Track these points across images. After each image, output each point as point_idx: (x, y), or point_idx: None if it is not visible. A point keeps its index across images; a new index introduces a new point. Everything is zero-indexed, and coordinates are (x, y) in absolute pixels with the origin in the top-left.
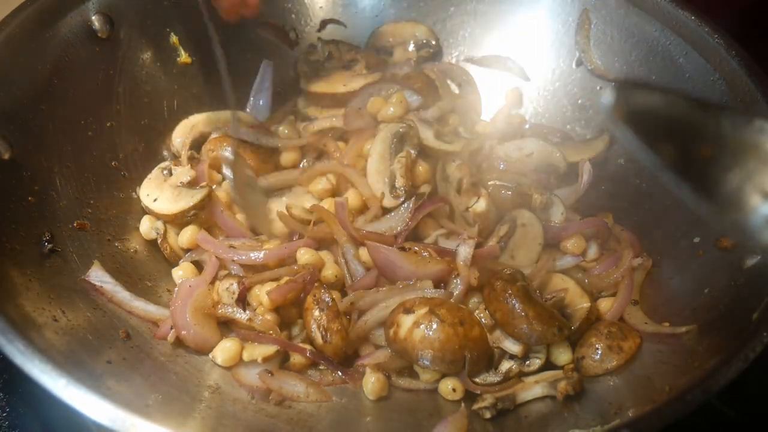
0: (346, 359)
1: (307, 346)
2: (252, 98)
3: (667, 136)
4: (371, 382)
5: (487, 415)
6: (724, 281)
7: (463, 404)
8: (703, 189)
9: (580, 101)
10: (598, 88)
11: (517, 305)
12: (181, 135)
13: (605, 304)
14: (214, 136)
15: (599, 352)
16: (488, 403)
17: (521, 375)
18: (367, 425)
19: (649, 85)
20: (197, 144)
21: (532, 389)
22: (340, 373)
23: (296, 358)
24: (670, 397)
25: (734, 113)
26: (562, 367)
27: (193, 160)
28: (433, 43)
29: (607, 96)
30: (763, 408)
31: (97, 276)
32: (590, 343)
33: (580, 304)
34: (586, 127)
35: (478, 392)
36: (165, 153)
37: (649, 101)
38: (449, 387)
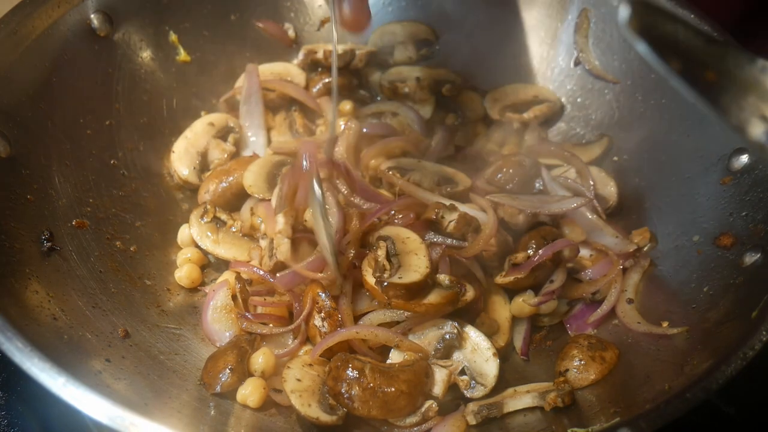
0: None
1: None
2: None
3: (677, 55)
4: None
5: (472, 420)
6: (724, 280)
7: (462, 405)
8: (708, 104)
9: (579, 100)
10: (596, 87)
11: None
12: (186, 165)
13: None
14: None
15: (582, 363)
16: (474, 408)
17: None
18: (367, 422)
19: (663, 11)
20: (202, 166)
21: (522, 398)
22: None
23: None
24: (670, 395)
25: (737, 52)
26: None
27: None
28: (433, 42)
29: (624, 11)
30: (762, 406)
31: None
32: (572, 355)
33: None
34: (586, 126)
35: None
36: (166, 174)
37: (661, 24)
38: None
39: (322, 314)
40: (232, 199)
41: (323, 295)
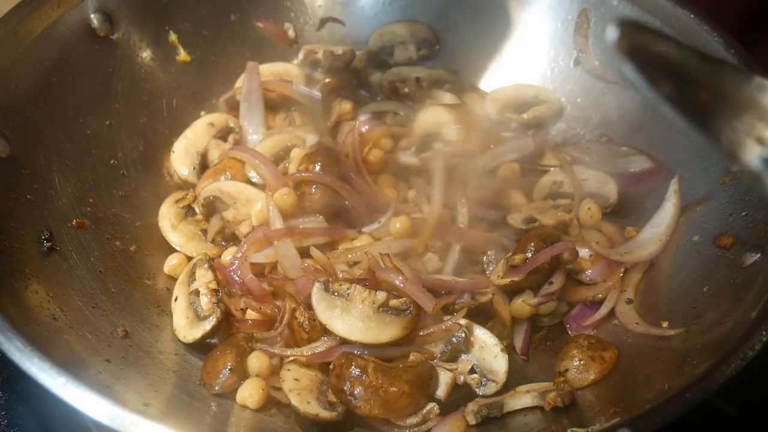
0: None
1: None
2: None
3: (667, 77)
4: None
5: (472, 420)
6: (723, 280)
7: (462, 404)
8: (701, 127)
9: (579, 100)
10: (596, 87)
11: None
12: (186, 165)
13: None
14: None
15: (582, 363)
16: (474, 408)
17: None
18: (367, 421)
19: (654, 31)
20: (202, 166)
21: (522, 398)
22: None
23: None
24: (670, 395)
25: (734, 69)
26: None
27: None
28: (433, 42)
29: (612, 32)
30: (762, 406)
31: None
32: (572, 355)
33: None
34: (586, 126)
35: None
36: (166, 175)
37: (652, 44)
38: None
39: (305, 327)
40: None
41: (301, 309)
